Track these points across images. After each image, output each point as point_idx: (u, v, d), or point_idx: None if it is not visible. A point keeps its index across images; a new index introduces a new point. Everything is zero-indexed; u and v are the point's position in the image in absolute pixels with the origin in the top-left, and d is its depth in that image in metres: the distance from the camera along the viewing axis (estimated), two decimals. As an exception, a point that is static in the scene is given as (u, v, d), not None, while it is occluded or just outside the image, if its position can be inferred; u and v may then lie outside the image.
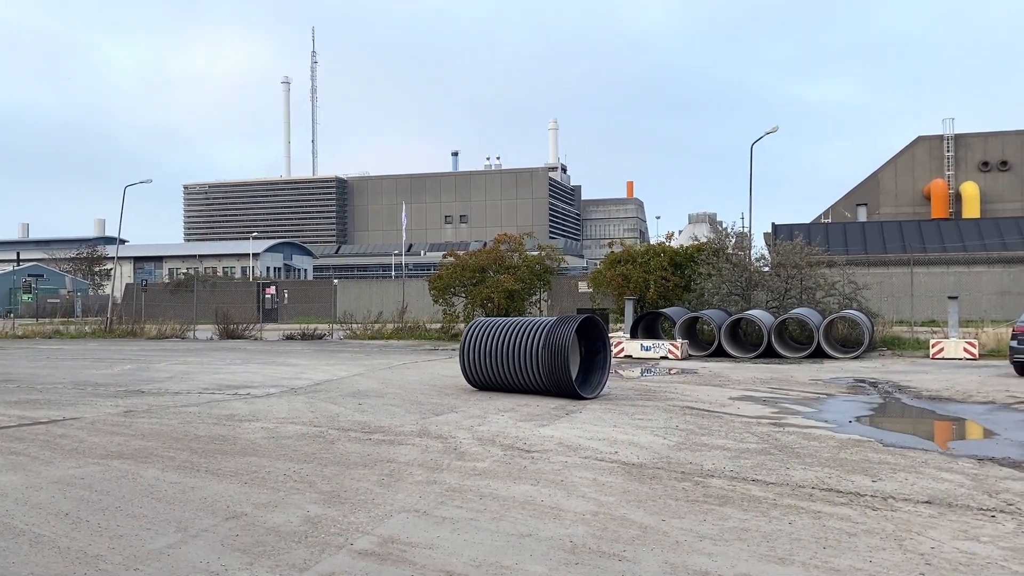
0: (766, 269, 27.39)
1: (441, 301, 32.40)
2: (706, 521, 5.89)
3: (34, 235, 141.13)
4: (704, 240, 29.45)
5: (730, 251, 27.47)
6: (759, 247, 31.80)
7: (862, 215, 70.44)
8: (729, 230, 28.73)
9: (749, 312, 22.86)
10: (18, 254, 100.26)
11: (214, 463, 7.87)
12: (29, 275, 75.29)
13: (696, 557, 5.08)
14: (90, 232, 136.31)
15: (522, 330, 13.42)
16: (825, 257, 27.05)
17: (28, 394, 13.69)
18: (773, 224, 48.51)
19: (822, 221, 64.40)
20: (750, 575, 4.76)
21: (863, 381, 15.87)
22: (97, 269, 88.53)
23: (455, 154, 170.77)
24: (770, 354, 21.37)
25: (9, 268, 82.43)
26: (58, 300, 64.46)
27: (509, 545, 5.33)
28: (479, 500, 6.46)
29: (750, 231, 29.60)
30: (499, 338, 13.60)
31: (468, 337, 14.10)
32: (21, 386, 15.02)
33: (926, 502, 6.40)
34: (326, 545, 5.33)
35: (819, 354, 21.31)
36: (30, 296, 60.33)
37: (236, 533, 5.56)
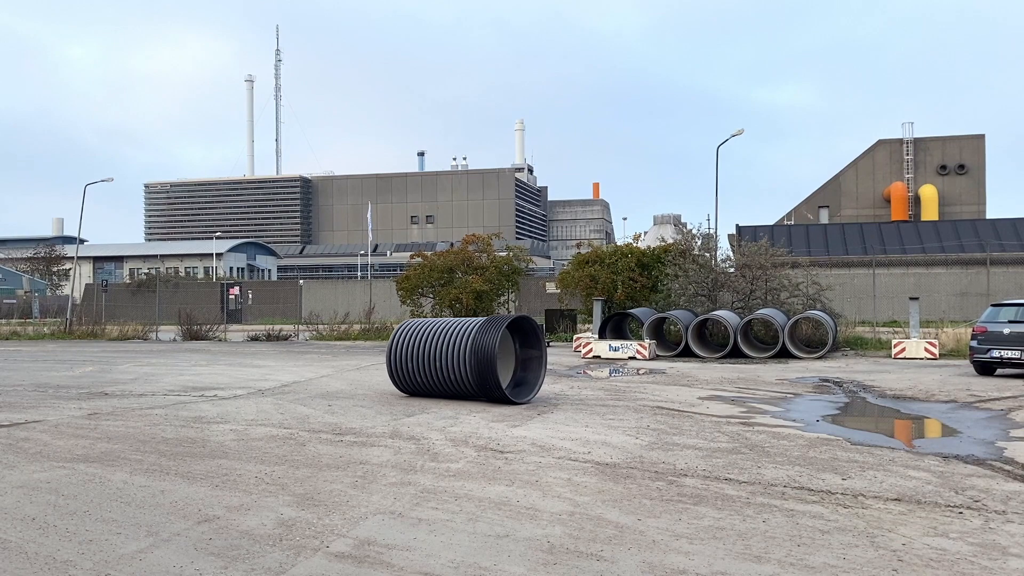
0: (732, 270, 27.71)
1: (409, 302, 32.31)
2: (681, 520, 5.93)
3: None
4: (671, 241, 29.70)
5: (696, 252, 27.74)
6: (724, 248, 32.18)
7: (824, 217, 71.57)
8: (695, 231, 29.01)
9: (715, 313, 23.10)
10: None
11: (183, 466, 7.74)
12: (-16, 275, 73.53)
13: (673, 556, 5.11)
14: (48, 231, 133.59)
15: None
16: (789, 258, 27.44)
17: (-13, 397, 13.36)
18: (737, 226, 49.13)
19: (785, 223, 65.31)
20: (727, 573, 4.80)
21: (828, 380, 16.11)
22: (55, 269, 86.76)
23: (421, 154, 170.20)
24: (736, 354, 21.61)
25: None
26: (15, 300, 63.02)
27: (487, 546, 5.32)
28: (454, 501, 6.44)
29: (716, 232, 29.93)
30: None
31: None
32: (-21, 389, 14.65)
33: (895, 499, 6.51)
34: (301, 548, 5.27)
35: (784, 354, 21.60)
36: (-14, 297, 58.88)
37: (209, 537, 5.48)
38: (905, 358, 21.13)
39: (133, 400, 12.92)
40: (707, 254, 28.02)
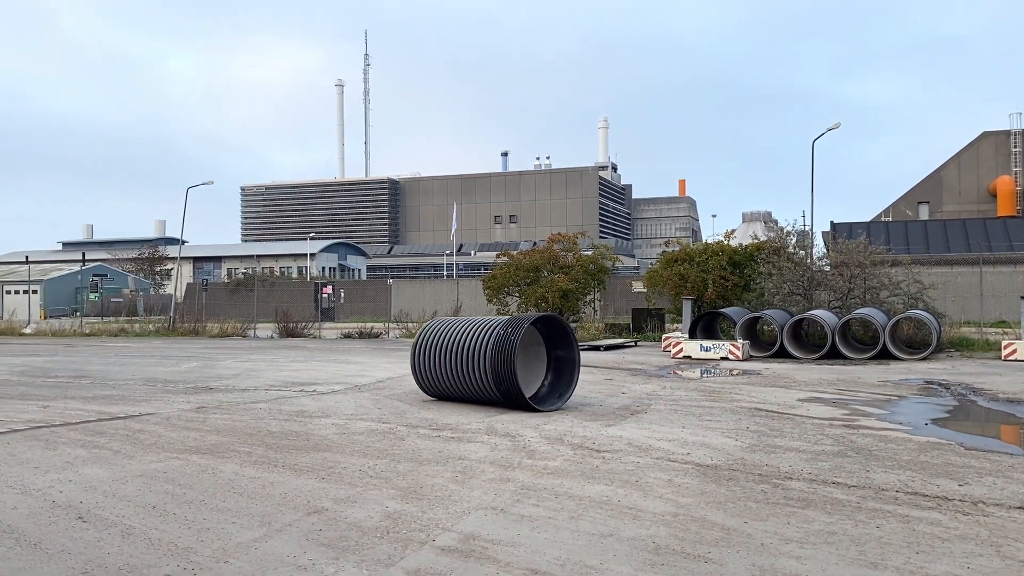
0: (828, 268, 26.85)
1: (495, 301, 32.48)
2: (790, 524, 5.78)
3: (98, 236, 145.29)
4: (763, 239, 28.99)
5: (791, 250, 26.99)
6: (820, 246, 31.23)
7: (924, 213, 68.62)
8: (789, 228, 28.22)
9: (812, 312, 22.43)
10: (83, 254, 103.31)
11: (290, 458, 7.98)
12: (94, 275, 77.58)
13: (784, 560, 4.98)
14: (151, 233, 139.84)
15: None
16: (889, 256, 26.39)
17: (102, 390, 14.09)
18: (832, 223, 47.57)
19: (883, 220, 62.91)
20: (843, 579, 4.65)
21: (934, 383, 15.43)
22: (158, 269, 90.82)
23: (505, 154, 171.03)
24: (834, 355, 20.93)
25: (75, 268, 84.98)
26: (121, 299, 66.28)
27: (591, 544, 5.30)
28: (555, 499, 6.44)
29: (811, 229, 29.07)
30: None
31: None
32: (95, 382, 15.47)
33: (1020, 507, 6.18)
34: (408, 541, 5.36)
35: (884, 355, 20.80)
36: (95, 295, 62.13)
37: (319, 528, 5.63)
38: (1017, 360, 20.06)
39: (237, 395, 13.40)
40: (802, 252, 27.21)
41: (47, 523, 5.66)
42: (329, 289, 45.46)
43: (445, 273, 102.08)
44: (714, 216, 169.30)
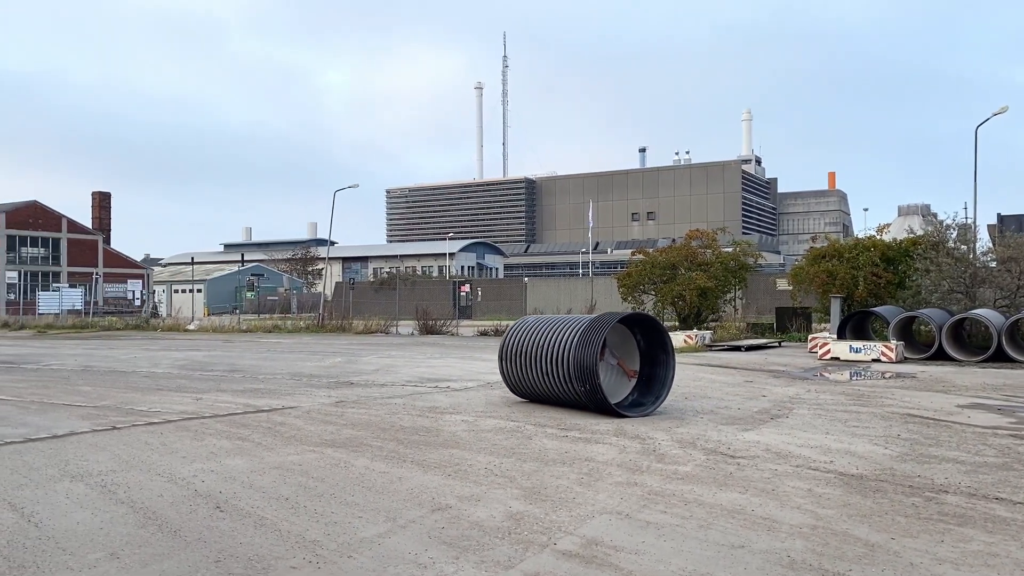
0: (993, 264, 24.77)
1: (630, 299, 31.99)
2: (943, 542, 5.27)
3: (256, 238, 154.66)
4: (920, 233, 27.09)
5: (951, 244, 25.08)
6: (984, 240, 28.85)
7: (1109, 202, 62.22)
8: (949, 222, 26.23)
9: (974, 311, 20.74)
10: (243, 255, 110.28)
11: (419, 454, 8.09)
12: (252, 274, 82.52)
13: (937, 583, 4.53)
14: (304, 234, 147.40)
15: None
16: (1066, 250, 24.03)
17: (251, 384, 14.87)
18: (999, 215, 44.03)
19: (1059, 210, 57.55)
20: (1006, 609, 4.17)
21: (1121, 390, 13.87)
22: (310, 268, 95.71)
23: (643, 150, 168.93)
24: (1000, 358, 19.24)
25: (235, 268, 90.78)
26: (277, 297, 70.25)
27: (720, 556, 5.02)
28: (684, 506, 6.17)
29: (974, 223, 26.93)
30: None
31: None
32: (246, 376, 16.35)
33: None
34: (529, 543, 5.26)
35: (1061, 359, 18.93)
36: (253, 294, 66.02)
37: (442, 526, 5.63)
38: None
39: (375, 390, 13.79)
40: (964, 246, 25.21)
41: (188, 511, 5.95)
42: (466, 287, 46.30)
43: (580, 271, 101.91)
44: (866, 210, 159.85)
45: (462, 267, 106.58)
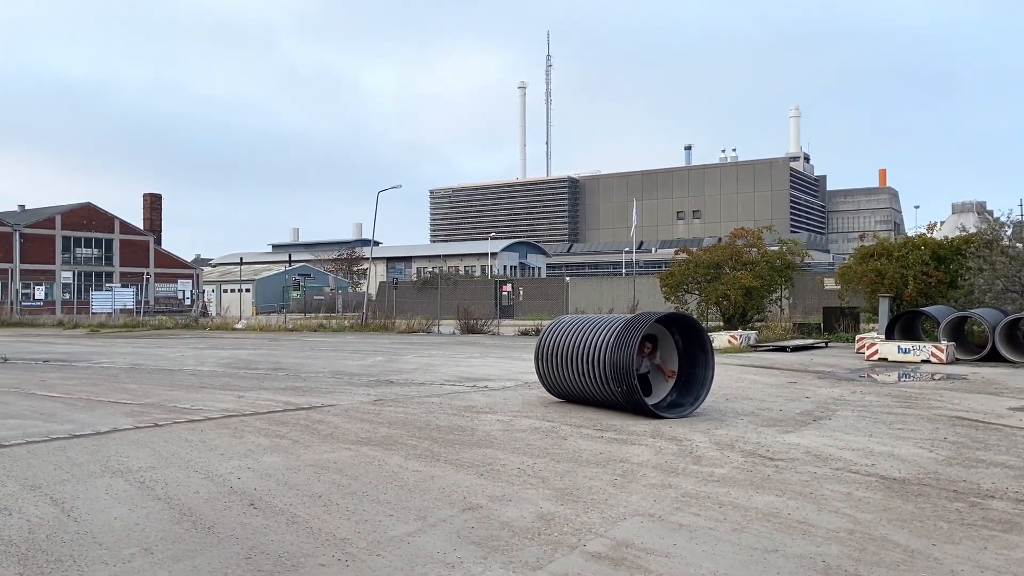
0: (1051, 262, 23.99)
1: (673, 299, 31.68)
2: (987, 549, 5.09)
3: (303, 238, 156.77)
4: (973, 231, 26.36)
5: (1005, 242, 24.35)
6: (1041, 238, 27.94)
7: None
8: (1004, 219, 25.46)
9: (1030, 311, 20.10)
10: (290, 255, 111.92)
11: (453, 453, 8.09)
12: (299, 274, 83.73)
13: (978, 593, 4.38)
14: (349, 235, 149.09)
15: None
16: None
17: (293, 382, 15.05)
18: (1058, 211, 42.54)
19: (1122, 207, 55.54)
20: (1051, 621, 4.01)
21: None
22: (355, 268, 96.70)
23: (688, 148, 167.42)
24: (1058, 359, 18.61)
25: (282, 268, 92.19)
26: (322, 297, 71.14)
27: (752, 560, 4.91)
28: (718, 509, 6.06)
29: (1031, 219, 26.09)
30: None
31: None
32: (288, 374, 16.56)
33: None
34: (558, 544, 5.22)
35: (1123, 361, 18.24)
36: (299, 293, 67.03)
37: (471, 525, 5.61)
38: None
39: (414, 388, 13.86)
40: (1019, 244, 24.46)
41: (222, 508, 6.02)
42: (508, 287, 46.35)
43: (624, 271, 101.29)
44: (916, 207, 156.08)
45: (504, 267, 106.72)
